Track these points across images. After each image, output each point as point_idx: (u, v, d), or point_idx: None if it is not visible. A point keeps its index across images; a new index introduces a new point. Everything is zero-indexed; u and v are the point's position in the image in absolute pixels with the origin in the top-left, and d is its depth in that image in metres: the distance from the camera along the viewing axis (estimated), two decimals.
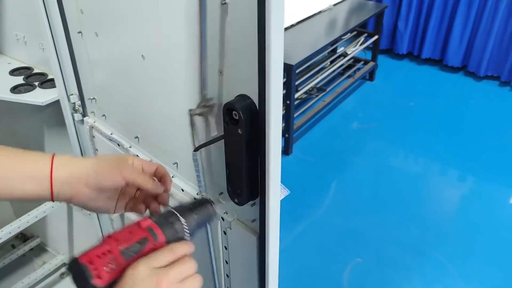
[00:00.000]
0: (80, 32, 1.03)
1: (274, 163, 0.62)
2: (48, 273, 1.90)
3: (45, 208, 1.61)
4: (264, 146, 0.61)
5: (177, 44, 0.73)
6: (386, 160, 2.90)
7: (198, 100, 0.74)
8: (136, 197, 0.76)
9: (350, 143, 3.05)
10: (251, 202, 0.72)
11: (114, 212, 0.74)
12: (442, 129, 3.13)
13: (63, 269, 1.97)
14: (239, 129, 0.62)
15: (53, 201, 0.66)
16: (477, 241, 2.26)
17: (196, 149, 0.77)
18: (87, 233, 1.67)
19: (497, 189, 2.60)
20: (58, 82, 1.18)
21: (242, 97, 0.62)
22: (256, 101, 0.60)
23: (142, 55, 0.84)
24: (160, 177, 0.75)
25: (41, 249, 2.08)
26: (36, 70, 1.47)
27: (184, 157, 0.87)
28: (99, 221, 1.47)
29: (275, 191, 0.65)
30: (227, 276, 0.93)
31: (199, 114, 0.75)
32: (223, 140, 0.68)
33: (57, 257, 1.95)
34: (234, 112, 0.61)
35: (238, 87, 0.63)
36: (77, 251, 1.87)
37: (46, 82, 1.40)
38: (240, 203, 0.71)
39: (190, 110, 0.76)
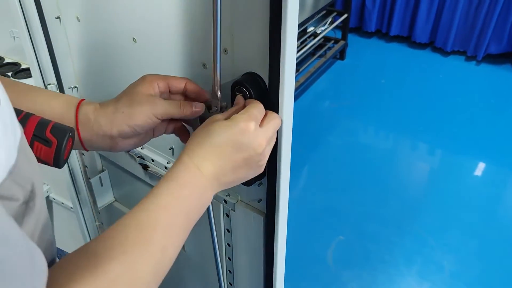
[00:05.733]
0: (58, 17, 0.98)
1: (286, 139, 0.61)
2: None
3: None
4: None
5: (175, 23, 0.70)
6: (360, 137, 2.93)
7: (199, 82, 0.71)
8: None
9: (324, 122, 3.07)
10: (258, 181, 0.71)
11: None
12: (413, 104, 3.18)
13: None
14: None
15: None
16: (452, 212, 2.33)
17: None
18: (69, 227, 1.62)
19: (468, 161, 2.68)
20: (34, 71, 1.13)
21: (250, 75, 0.61)
22: (265, 78, 0.59)
23: (134, 38, 0.80)
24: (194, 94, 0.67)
25: None
26: (7, 60, 1.41)
27: (180, 141, 0.84)
28: (82, 214, 1.43)
29: (286, 169, 0.64)
30: (229, 259, 0.92)
31: None
32: None
33: None
34: (243, 90, 0.60)
35: (245, 65, 0.62)
36: (59, 246, 1.84)
37: (20, 72, 1.34)
38: (248, 184, 0.70)
39: None
